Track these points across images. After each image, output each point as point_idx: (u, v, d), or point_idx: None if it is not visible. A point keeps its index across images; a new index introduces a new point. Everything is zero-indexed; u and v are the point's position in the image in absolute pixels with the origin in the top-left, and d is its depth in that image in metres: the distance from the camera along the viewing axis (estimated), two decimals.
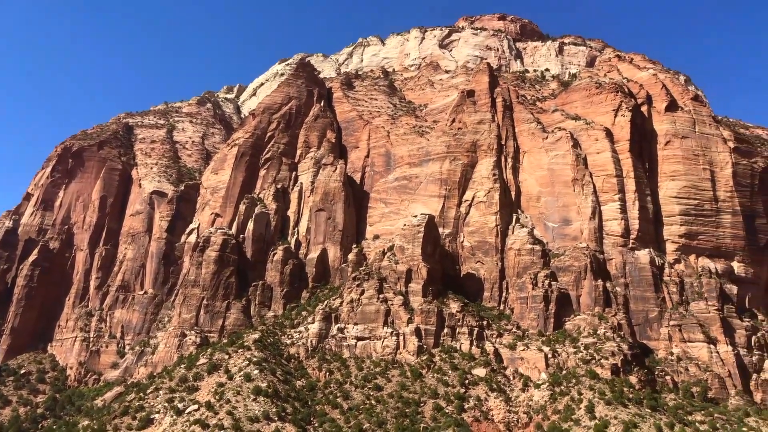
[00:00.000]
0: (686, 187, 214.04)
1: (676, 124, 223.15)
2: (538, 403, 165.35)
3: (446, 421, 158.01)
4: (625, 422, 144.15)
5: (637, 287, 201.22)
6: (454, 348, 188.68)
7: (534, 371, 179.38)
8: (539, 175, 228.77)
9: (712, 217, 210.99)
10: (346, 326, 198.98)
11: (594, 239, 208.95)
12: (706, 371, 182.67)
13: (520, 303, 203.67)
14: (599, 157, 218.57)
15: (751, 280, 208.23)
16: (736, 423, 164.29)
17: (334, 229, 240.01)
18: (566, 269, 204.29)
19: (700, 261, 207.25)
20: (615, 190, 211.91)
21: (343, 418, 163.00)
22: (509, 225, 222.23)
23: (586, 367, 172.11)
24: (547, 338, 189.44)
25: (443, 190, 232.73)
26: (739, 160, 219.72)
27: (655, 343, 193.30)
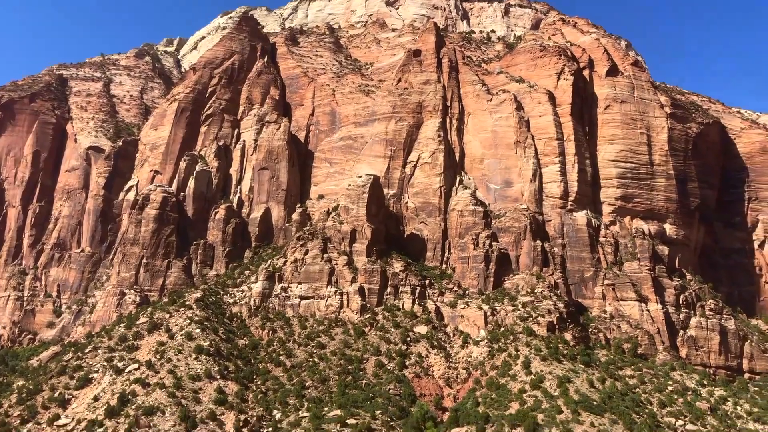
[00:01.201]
0: (624, 150, 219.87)
1: (616, 89, 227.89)
2: (476, 360, 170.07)
3: (388, 377, 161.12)
4: (560, 377, 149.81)
5: (574, 248, 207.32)
6: (397, 306, 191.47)
7: (474, 329, 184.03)
8: (483, 137, 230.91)
9: (647, 181, 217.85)
10: (290, 285, 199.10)
11: (534, 201, 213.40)
12: (636, 328, 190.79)
13: (461, 263, 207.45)
14: (541, 120, 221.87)
15: (682, 242, 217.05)
16: (663, 377, 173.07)
17: (278, 189, 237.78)
18: (507, 230, 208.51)
19: (635, 223, 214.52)
20: (556, 153, 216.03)
21: (286, 375, 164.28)
22: (453, 186, 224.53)
23: (524, 324, 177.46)
24: (486, 297, 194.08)
25: (388, 151, 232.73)
26: (674, 125, 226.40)
27: (590, 302, 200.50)
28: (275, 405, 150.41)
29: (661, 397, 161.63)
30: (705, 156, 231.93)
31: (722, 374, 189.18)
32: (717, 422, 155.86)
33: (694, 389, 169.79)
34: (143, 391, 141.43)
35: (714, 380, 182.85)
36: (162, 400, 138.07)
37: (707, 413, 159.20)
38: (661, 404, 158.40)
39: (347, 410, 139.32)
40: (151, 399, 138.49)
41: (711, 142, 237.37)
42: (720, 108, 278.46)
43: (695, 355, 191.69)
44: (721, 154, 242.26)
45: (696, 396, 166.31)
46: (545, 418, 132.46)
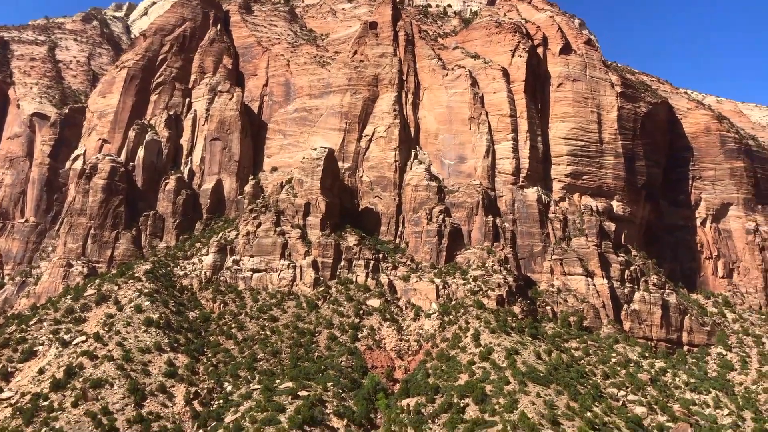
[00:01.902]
0: (575, 128, 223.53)
1: (569, 67, 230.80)
2: (428, 332, 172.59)
3: (340, 349, 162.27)
4: (508, 349, 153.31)
5: (525, 223, 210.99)
6: (350, 280, 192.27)
7: (426, 302, 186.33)
8: (438, 112, 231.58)
9: (597, 159, 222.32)
10: (242, 258, 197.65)
11: (487, 177, 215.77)
12: (582, 302, 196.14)
13: (415, 237, 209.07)
14: (495, 97, 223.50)
15: (628, 219, 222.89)
16: (607, 349, 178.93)
17: (230, 160, 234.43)
18: (460, 205, 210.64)
19: (583, 199, 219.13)
20: (509, 129, 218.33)
21: (237, 348, 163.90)
22: (408, 161, 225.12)
23: (474, 297, 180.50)
24: (439, 270, 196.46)
25: (344, 124, 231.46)
26: (624, 104, 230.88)
27: (538, 276, 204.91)
28: (226, 378, 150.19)
29: (605, 368, 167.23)
30: (652, 135, 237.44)
31: (663, 347, 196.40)
32: (657, 392, 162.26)
33: (636, 361, 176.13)
34: (91, 363, 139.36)
35: (655, 352, 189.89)
36: (110, 373, 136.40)
37: (648, 384, 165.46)
38: (604, 375, 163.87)
39: (299, 382, 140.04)
40: (99, 372, 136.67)
41: (659, 122, 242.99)
42: (668, 88, 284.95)
43: (638, 329, 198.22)
44: (667, 133, 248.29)
45: (638, 367, 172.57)
46: (493, 389, 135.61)
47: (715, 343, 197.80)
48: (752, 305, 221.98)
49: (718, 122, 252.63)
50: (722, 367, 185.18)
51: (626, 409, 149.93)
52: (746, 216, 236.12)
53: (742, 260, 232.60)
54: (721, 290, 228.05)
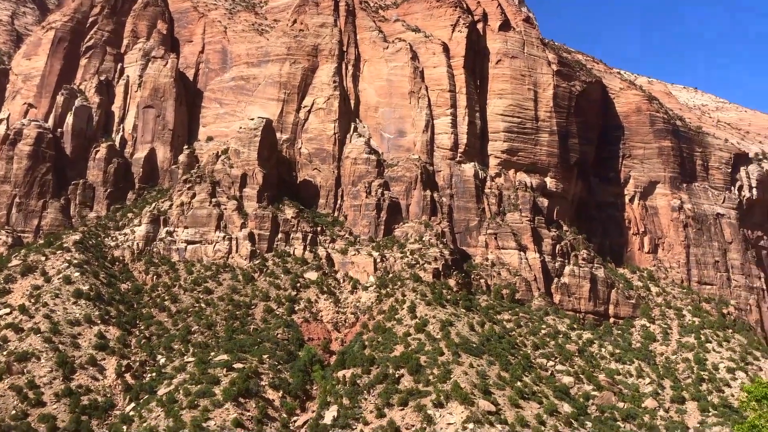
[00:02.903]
0: (511, 105, 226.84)
1: (508, 44, 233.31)
2: (365, 305, 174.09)
3: (276, 322, 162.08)
4: (442, 321, 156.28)
5: (461, 198, 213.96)
6: (288, 253, 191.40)
7: (363, 275, 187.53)
8: (378, 85, 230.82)
9: (532, 135, 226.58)
10: (176, 230, 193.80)
11: (425, 151, 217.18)
12: (515, 276, 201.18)
13: (353, 210, 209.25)
14: (435, 72, 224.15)
15: (561, 195, 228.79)
16: (537, 321, 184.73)
17: (164, 128, 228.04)
18: (398, 179, 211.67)
19: (518, 176, 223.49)
20: (448, 105, 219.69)
21: (171, 320, 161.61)
22: (347, 134, 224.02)
23: (411, 270, 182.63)
24: (377, 244, 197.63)
25: (282, 94, 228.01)
26: (560, 82, 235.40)
27: (474, 250, 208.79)
28: (159, 350, 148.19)
29: (535, 339, 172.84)
30: (586, 113, 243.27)
31: (590, 319, 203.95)
32: (584, 363, 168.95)
33: (565, 332, 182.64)
34: (16, 336, 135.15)
35: (583, 324, 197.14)
36: (37, 346, 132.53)
37: (575, 354, 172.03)
38: (534, 346, 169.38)
39: (234, 355, 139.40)
40: (25, 344, 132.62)
41: (592, 101, 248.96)
42: (602, 68, 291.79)
43: (567, 301, 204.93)
44: (600, 112, 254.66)
45: (566, 339, 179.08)
46: (428, 360, 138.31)
47: (640, 315, 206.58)
48: (675, 279, 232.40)
49: (649, 103, 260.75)
50: (645, 338, 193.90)
51: (554, 378, 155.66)
52: (672, 194, 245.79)
53: (666, 236, 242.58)
54: (646, 265, 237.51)
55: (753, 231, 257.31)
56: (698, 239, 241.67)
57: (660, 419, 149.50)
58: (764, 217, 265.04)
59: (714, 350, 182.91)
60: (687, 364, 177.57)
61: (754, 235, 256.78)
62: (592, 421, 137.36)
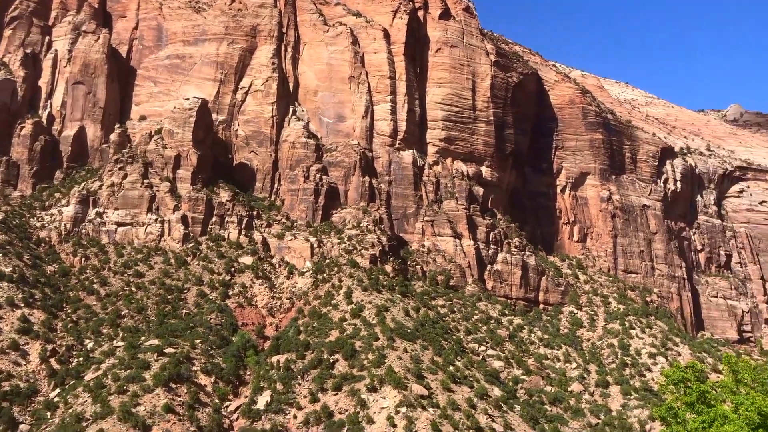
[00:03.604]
0: (450, 94, 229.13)
1: (447, 33, 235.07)
2: (301, 290, 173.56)
3: (209, 307, 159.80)
4: (378, 306, 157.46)
5: (399, 185, 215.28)
6: (222, 237, 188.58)
7: (300, 260, 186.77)
8: (318, 68, 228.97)
9: (469, 125, 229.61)
10: (106, 211, 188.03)
11: (365, 137, 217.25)
12: (450, 262, 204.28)
13: (291, 195, 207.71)
14: (376, 57, 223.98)
15: (495, 184, 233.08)
16: (470, 307, 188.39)
17: (95, 106, 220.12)
18: (337, 164, 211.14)
19: (455, 164, 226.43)
20: (387, 91, 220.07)
21: (100, 304, 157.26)
22: (285, 117, 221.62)
23: (348, 256, 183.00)
24: (314, 229, 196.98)
25: (219, 74, 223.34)
26: (497, 73, 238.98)
27: (411, 236, 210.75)
28: (87, 335, 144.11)
29: (468, 325, 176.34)
30: (522, 105, 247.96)
31: (521, 305, 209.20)
32: (514, 348, 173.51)
33: (497, 318, 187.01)
34: None
35: (514, 310, 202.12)
36: None
37: (506, 340, 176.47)
38: (467, 331, 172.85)
39: (165, 339, 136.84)
40: None
41: (528, 92, 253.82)
42: (538, 60, 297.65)
43: (499, 287, 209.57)
44: (535, 103, 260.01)
45: (498, 324, 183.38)
46: (362, 345, 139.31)
47: (568, 302, 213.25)
48: (602, 268, 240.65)
49: (582, 96, 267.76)
50: (573, 324, 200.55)
51: (485, 363, 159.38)
52: (601, 185, 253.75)
53: (595, 226, 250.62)
54: (575, 253, 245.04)
55: (676, 222, 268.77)
56: (625, 229, 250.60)
57: (585, 402, 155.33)
58: (687, 209, 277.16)
59: (637, 336, 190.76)
60: (612, 349, 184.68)
61: (677, 226, 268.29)
62: (520, 405, 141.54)
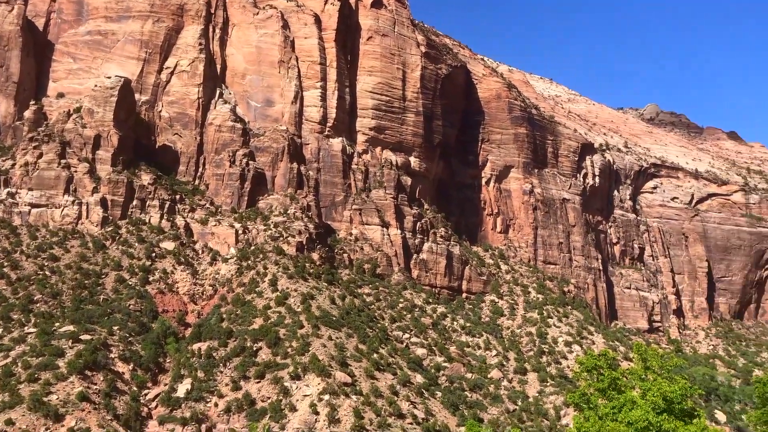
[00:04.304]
0: (380, 83, 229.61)
1: (379, 22, 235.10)
2: (224, 277, 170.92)
3: (128, 293, 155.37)
4: (304, 294, 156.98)
5: (328, 172, 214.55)
6: (143, 221, 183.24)
7: (224, 246, 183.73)
8: (247, 51, 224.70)
9: (399, 115, 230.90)
10: (19, 191, 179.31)
11: (294, 123, 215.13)
12: (377, 251, 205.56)
13: (216, 179, 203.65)
14: (306, 43, 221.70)
15: (423, 174, 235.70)
16: (396, 296, 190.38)
17: (8, 80, 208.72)
18: (265, 150, 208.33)
19: (385, 153, 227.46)
20: (318, 77, 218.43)
21: (11, 288, 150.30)
22: (212, 99, 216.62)
23: (274, 243, 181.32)
24: (239, 215, 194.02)
25: (143, 53, 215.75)
26: (427, 64, 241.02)
27: (338, 224, 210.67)
28: None
29: (393, 313, 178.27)
30: (450, 97, 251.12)
31: (445, 294, 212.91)
32: (437, 335, 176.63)
33: (421, 306, 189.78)
34: None
35: (438, 299, 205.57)
36: None
37: (430, 328, 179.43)
38: (392, 319, 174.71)
39: (81, 326, 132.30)
40: None
41: (457, 85, 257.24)
42: (467, 53, 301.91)
43: (425, 276, 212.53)
44: (464, 96, 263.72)
45: (422, 312, 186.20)
46: (287, 333, 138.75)
47: (490, 291, 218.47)
48: (523, 258, 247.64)
49: (508, 90, 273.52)
50: (494, 313, 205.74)
51: (409, 350, 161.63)
52: (524, 178, 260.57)
53: (517, 218, 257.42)
54: (498, 244, 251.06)
55: (593, 216, 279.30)
56: (545, 222, 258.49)
57: (504, 389, 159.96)
58: (604, 204, 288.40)
59: (554, 325, 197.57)
60: (530, 337, 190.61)
61: (594, 219, 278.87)
62: (442, 391, 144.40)
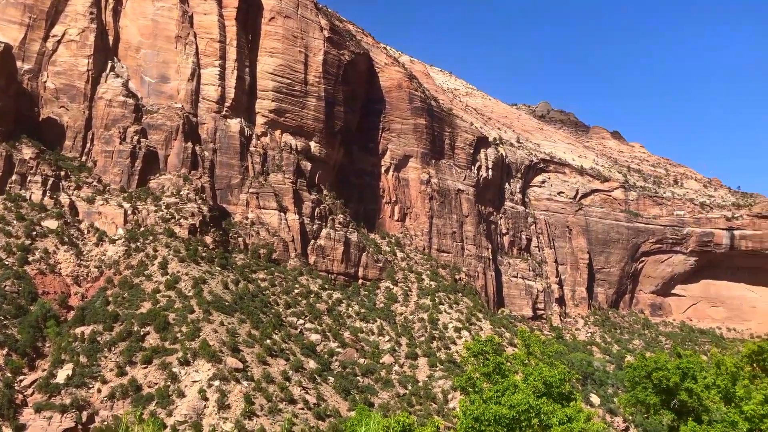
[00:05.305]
0: (282, 65, 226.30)
1: (282, 3, 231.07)
2: (111, 258, 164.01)
3: (5, 273, 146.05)
4: (195, 278, 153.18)
5: (225, 154, 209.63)
6: (23, 197, 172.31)
7: (111, 226, 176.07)
8: (142, 24, 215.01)
9: (300, 99, 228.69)
10: None
11: (190, 101, 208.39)
12: (274, 236, 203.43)
13: (104, 156, 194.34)
14: (206, 19, 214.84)
15: (323, 160, 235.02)
16: (291, 281, 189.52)
17: None
18: (158, 127, 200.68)
19: (284, 137, 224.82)
20: (216, 55, 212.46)
21: None
22: (103, 72, 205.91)
23: (166, 225, 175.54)
24: (129, 194, 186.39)
25: (27, 18, 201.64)
26: (330, 49, 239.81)
27: (234, 208, 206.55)
28: None
29: (288, 299, 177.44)
30: (352, 83, 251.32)
31: (341, 280, 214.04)
32: (331, 321, 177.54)
33: (317, 292, 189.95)
34: None
35: (334, 285, 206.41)
36: None
37: (324, 313, 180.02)
38: (286, 305, 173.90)
39: None
40: None
41: (359, 72, 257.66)
42: (370, 41, 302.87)
43: (321, 262, 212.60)
44: (366, 84, 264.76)
45: (317, 298, 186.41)
46: (177, 317, 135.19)
47: (385, 278, 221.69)
48: (418, 246, 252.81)
49: (409, 81, 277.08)
50: (388, 299, 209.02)
51: (303, 336, 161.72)
52: (422, 168, 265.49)
53: (414, 207, 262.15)
54: (395, 232, 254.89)
55: (485, 207, 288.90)
56: (441, 211, 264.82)
57: (395, 374, 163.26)
58: (496, 196, 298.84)
59: (446, 311, 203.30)
60: (422, 323, 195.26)
61: (486, 210, 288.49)
62: (334, 377, 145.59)
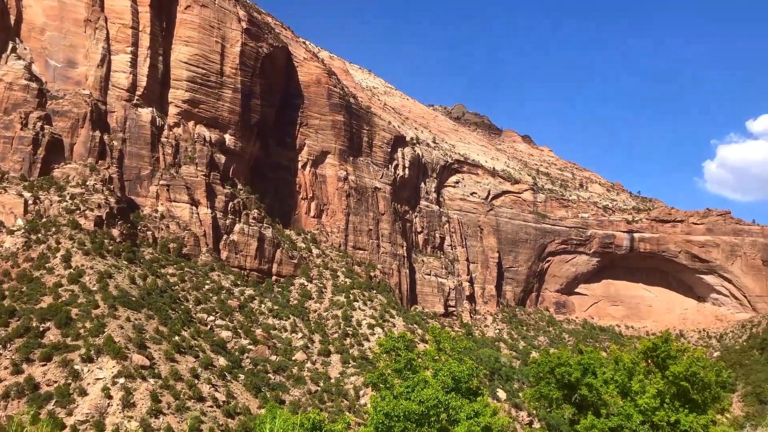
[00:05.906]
0: (197, 55, 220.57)
1: None
2: (9, 250, 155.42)
3: None
4: (101, 272, 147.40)
5: (135, 144, 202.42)
6: None
7: (10, 216, 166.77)
8: (48, 5, 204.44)
9: (216, 90, 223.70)
10: None
11: (99, 88, 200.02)
12: (185, 230, 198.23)
13: (3, 143, 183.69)
14: (118, 3, 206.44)
15: (238, 153, 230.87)
16: (202, 277, 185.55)
17: None
18: (64, 114, 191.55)
19: (198, 128, 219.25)
20: (129, 42, 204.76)
21: None
22: (2, 53, 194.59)
23: (70, 217, 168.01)
24: (30, 183, 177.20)
25: None
26: (248, 41, 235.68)
27: (143, 200, 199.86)
28: None
29: (198, 294, 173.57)
30: (270, 77, 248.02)
31: (254, 276, 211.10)
32: (243, 318, 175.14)
33: (229, 288, 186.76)
34: None
35: (247, 281, 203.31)
36: None
37: (236, 310, 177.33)
38: (197, 301, 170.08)
39: None
40: None
41: (277, 65, 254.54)
42: (290, 35, 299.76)
43: (234, 258, 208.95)
44: (284, 78, 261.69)
45: (229, 294, 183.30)
46: (80, 313, 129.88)
47: (300, 274, 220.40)
48: (334, 243, 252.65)
49: (328, 77, 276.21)
50: (302, 296, 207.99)
51: (213, 333, 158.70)
52: (339, 165, 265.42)
53: (331, 203, 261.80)
54: (311, 228, 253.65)
55: (401, 205, 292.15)
56: (357, 208, 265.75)
57: (307, 371, 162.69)
58: (411, 194, 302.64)
59: (360, 308, 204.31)
60: (336, 320, 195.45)
61: (402, 209, 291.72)
62: (245, 374, 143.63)
